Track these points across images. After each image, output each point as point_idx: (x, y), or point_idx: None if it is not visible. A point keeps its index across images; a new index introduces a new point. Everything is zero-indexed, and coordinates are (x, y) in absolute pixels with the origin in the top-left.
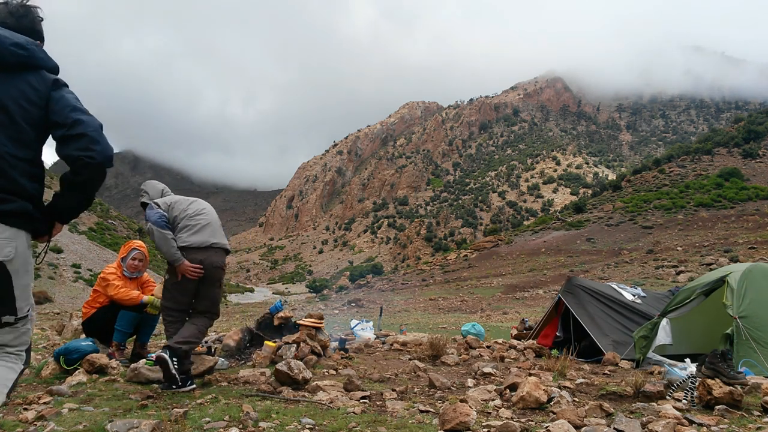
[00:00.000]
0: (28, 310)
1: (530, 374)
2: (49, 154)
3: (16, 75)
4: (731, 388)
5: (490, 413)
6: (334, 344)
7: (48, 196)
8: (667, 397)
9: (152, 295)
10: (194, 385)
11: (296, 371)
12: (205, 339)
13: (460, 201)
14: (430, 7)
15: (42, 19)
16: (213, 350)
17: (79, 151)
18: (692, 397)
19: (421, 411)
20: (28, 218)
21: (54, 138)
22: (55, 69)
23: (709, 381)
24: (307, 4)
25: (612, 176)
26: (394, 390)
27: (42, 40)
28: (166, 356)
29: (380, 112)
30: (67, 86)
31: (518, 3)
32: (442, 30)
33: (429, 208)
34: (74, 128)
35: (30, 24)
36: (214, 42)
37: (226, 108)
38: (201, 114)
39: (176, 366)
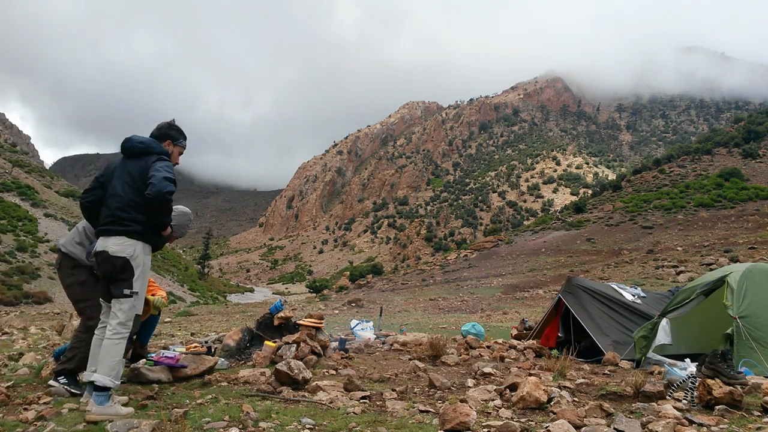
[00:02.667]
0: (138, 291)
1: (530, 374)
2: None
3: (140, 158)
4: (731, 388)
5: (490, 413)
6: (334, 344)
7: (46, 194)
8: (667, 397)
9: (153, 295)
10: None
11: (296, 371)
12: (205, 339)
13: (460, 201)
14: (431, 7)
15: (171, 127)
16: (213, 350)
17: (147, 192)
18: (692, 397)
19: (421, 411)
20: (141, 234)
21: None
22: (162, 153)
23: (709, 381)
24: (307, 5)
25: (612, 176)
26: (394, 390)
27: (169, 138)
28: None
29: (380, 112)
30: (164, 160)
31: (518, 3)
32: (442, 30)
33: (429, 208)
34: (149, 180)
35: (160, 132)
36: (213, 43)
37: (226, 108)
38: (201, 114)
39: None
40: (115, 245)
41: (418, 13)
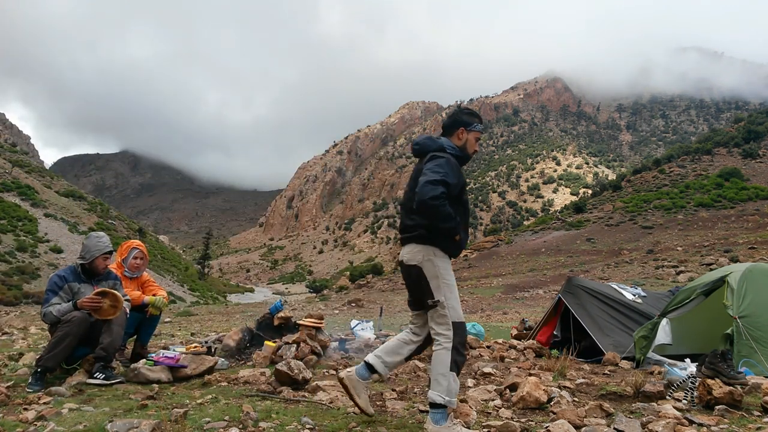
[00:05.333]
0: (441, 299)
1: (530, 374)
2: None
3: (421, 160)
4: (731, 388)
5: (490, 413)
6: (334, 344)
7: (46, 194)
8: (667, 397)
9: (154, 295)
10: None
11: (296, 371)
12: (205, 339)
13: None
14: (431, 7)
15: (462, 112)
16: (213, 350)
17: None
18: (692, 397)
19: (421, 411)
20: (429, 239)
21: None
22: (436, 150)
23: (709, 381)
24: (307, 5)
25: (612, 176)
26: (394, 390)
27: (462, 125)
28: None
29: (380, 112)
30: (438, 157)
31: (518, 3)
32: (442, 30)
33: None
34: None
35: (450, 119)
36: (212, 44)
37: (226, 109)
38: (201, 115)
39: None
40: (407, 253)
41: (418, 13)
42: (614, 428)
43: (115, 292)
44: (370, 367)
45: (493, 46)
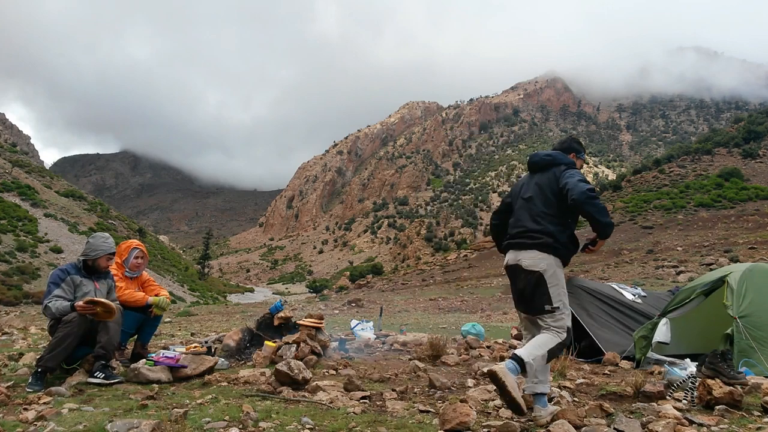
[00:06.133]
0: (559, 306)
1: None
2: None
3: (547, 170)
4: (731, 388)
5: (490, 413)
6: (334, 344)
7: (46, 194)
8: (667, 397)
9: (156, 296)
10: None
11: (296, 371)
12: (205, 339)
13: (460, 201)
14: (431, 7)
15: (574, 140)
16: (213, 350)
17: (568, 200)
18: (692, 397)
19: (421, 411)
20: (552, 248)
21: (564, 195)
22: (569, 163)
23: (709, 381)
24: (306, 6)
25: (612, 176)
26: (394, 390)
27: (573, 151)
28: None
29: (380, 112)
30: (572, 168)
31: (518, 3)
32: (441, 30)
33: (429, 208)
34: (564, 189)
35: (563, 145)
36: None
37: (226, 109)
38: (200, 115)
39: None
40: (529, 259)
41: (418, 14)
42: (614, 428)
43: (105, 301)
44: (520, 363)
45: (493, 46)
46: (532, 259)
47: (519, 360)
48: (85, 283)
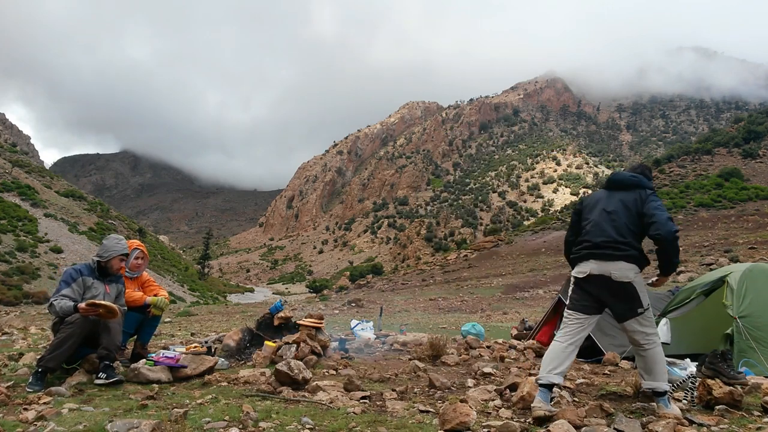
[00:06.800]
0: (648, 306)
1: (530, 374)
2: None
3: (632, 190)
4: (731, 388)
5: (490, 413)
6: (334, 344)
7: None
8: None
9: (155, 295)
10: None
11: (296, 371)
12: (205, 339)
13: (460, 201)
14: (431, 8)
15: (647, 168)
16: (213, 350)
17: (652, 232)
18: (692, 397)
19: (421, 411)
20: (637, 259)
21: (643, 222)
22: (650, 187)
23: (709, 381)
24: (306, 6)
25: None
26: (394, 390)
27: (648, 178)
28: None
29: (380, 112)
30: (655, 195)
31: (518, 3)
32: (441, 30)
33: (429, 208)
34: (651, 218)
35: (643, 171)
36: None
37: (226, 109)
38: (200, 115)
39: None
40: (618, 270)
41: (417, 14)
42: (614, 428)
43: (107, 303)
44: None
45: (493, 46)
46: (621, 271)
47: (662, 393)
48: (96, 285)
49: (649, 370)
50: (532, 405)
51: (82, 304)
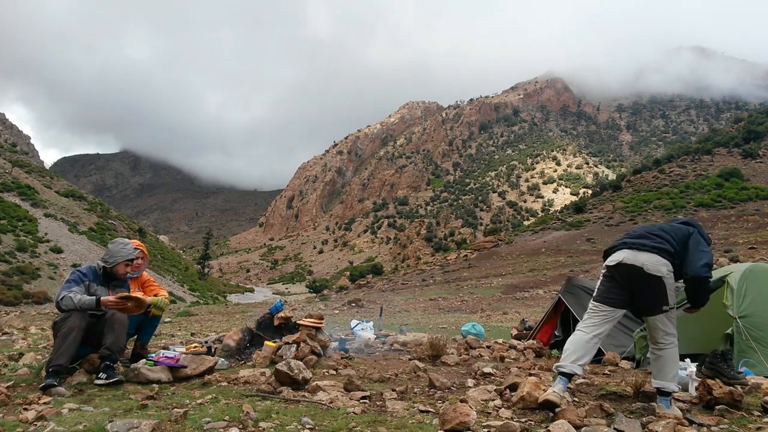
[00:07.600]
0: (674, 305)
1: (530, 374)
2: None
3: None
4: (731, 388)
5: (490, 413)
6: (334, 344)
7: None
8: None
9: (155, 295)
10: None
11: (296, 371)
12: (205, 339)
13: (460, 201)
14: (431, 7)
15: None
16: (213, 350)
17: (689, 269)
18: (692, 397)
19: (421, 411)
20: (670, 254)
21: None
22: (700, 230)
23: (709, 381)
24: (306, 6)
25: (612, 176)
26: (394, 390)
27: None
28: None
29: (380, 112)
30: (697, 233)
31: (517, 3)
32: (441, 30)
33: (429, 208)
34: (690, 256)
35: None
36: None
37: (226, 109)
38: (200, 115)
39: None
40: (652, 263)
41: (417, 14)
42: (614, 428)
43: (137, 295)
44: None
45: (493, 46)
46: (654, 264)
47: (667, 393)
48: (99, 291)
49: (661, 369)
50: (545, 392)
51: (111, 297)
